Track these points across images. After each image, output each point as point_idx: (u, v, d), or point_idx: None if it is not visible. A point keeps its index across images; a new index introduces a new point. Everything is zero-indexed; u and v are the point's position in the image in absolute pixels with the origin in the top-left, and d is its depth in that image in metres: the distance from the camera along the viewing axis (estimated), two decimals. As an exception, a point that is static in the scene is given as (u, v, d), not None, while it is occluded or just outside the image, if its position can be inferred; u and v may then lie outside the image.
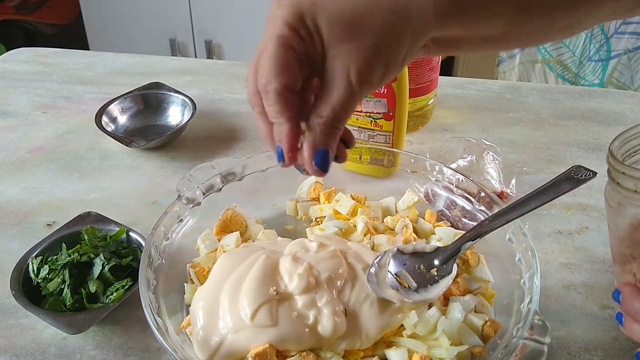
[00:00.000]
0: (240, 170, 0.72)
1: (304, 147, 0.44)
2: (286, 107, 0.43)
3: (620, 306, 0.50)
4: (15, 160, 0.89)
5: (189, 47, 2.22)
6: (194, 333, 0.57)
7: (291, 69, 0.43)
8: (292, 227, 0.74)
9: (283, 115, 0.43)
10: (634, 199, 0.52)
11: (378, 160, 0.78)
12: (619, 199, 0.53)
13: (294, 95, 0.43)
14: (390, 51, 0.42)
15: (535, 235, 0.75)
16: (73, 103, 1.03)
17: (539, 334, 0.52)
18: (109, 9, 2.17)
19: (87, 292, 0.63)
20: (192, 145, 0.92)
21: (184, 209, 0.68)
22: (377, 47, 0.42)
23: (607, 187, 0.55)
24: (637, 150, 0.56)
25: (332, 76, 0.43)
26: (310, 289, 0.58)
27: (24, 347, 0.61)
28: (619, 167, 0.52)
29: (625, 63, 1.70)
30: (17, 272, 0.64)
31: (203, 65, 1.18)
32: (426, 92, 0.91)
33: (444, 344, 0.56)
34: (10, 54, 1.19)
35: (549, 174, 0.83)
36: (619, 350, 0.61)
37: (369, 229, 0.69)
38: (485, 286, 0.64)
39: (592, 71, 1.73)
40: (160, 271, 0.61)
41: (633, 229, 0.54)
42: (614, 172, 0.53)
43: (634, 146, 0.56)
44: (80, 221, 0.71)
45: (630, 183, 0.51)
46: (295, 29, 0.42)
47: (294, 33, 0.42)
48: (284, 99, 0.43)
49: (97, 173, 0.86)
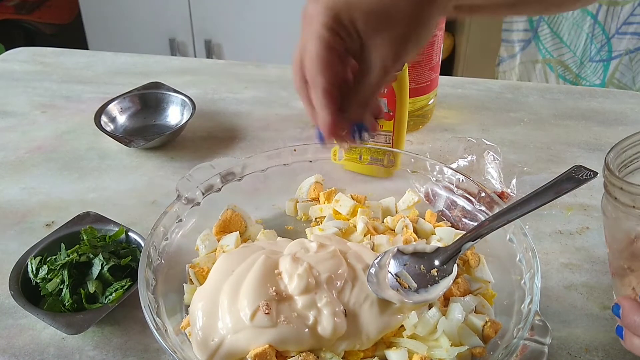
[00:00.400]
0: (240, 170, 0.72)
1: (344, 126, 0.52)
2: (330, 101, 0.50)
3: (620, 320, 0.50)
4: (14, 160, 0.89)
5: (189, 47, 2.21)
6: (193, 333, 0.57)
7: (334, 66, 0.49)
8: (292, 227, 0.74)
9: (326, 108, 0.50)
10: (631, 214, 0.50)
11: (378, 160, 0.77)
12: (616, 212, 0.52)
13: (336, 89, 0.50)
14: (419, 36, 0.48)
15: (535, 235, 0.75)
16: (72, 103, 1.02)
17: (540, 335, 0.52)
18: (109, 8, 2.17)
19: (86, 293, 0.63)
20: (191, 145, 0.91)
21: (183, 209, 0.67)
22: (407, 35, 0.47)
23: (603, 199, 0.54)
24: (632, 160, 0.55)
25: (369, 64, 0.49)
26: (310, 290, 0.58)
27: (23, 348, 0.61)
28: (616, 182, 0.50)
29: (627, 64, 1.70)
30: (16, 272, 0.64)
31: (202, 65, 1.18)
32: (426, 92, 0.91)
33: (444, 344, 0.56)
34: (10, 53, 1.19)
35: (550, 174, 0.83)
36: (619, 351, 0.61)
37: (369, 229, 0.69)
38: (485, 287, 0.64)
39: (593, 72, 1.73)
40: (160, 271, 0.61)
41: (630, 242, 0.53)
42: (611, 186, 0.52)
43: (630, 156, 0.54)
44: (79, 221, 0.71)
45: (627, 198, 0.50)
46: (334, 30, 0.47)
47: (333, 34, 0.47)
48: (327, 94, 0.49)
49: (96, 173, 0.86)
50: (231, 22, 2.11)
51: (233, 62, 1.18)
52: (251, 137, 0.93)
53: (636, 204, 0.49)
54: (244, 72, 1.12)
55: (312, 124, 0.54)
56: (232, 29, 2.13)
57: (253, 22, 2.09)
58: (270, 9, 2.05)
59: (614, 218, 0.53)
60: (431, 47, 0.86)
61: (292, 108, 1.01)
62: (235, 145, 0.91)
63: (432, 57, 0.87)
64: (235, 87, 1.07)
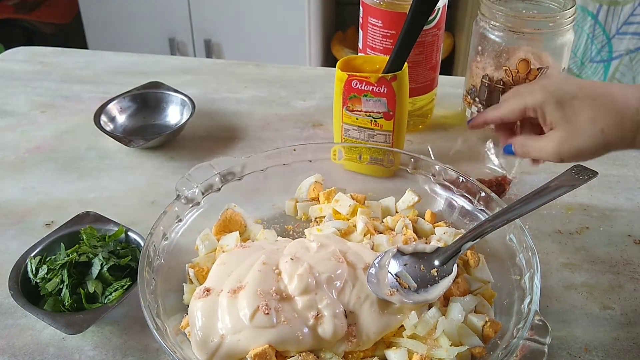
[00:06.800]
0: (240, 169, 0.72)
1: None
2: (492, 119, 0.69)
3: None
4: (14, 160, 0.89)
5: (188, 47, 2.21)
6: (193, 333, 0.57)
7: (514, 116, 0.66)
8: (292, 227, 0.74)
9: (485, 116, 0.70)
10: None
11: (378, 160, 0.77)
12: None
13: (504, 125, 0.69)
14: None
15: (535, 235, 0.75)
16: (72, 102, 1.02)
17: (540, 335, 0.52)
18: (108, 8, 2.16)
19: (86, 292, 0.63)
20: (191, 144, 0.91)
21: (183, 209, 0.67)
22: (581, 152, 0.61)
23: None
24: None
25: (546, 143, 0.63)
26: (310, 290, 0.58)
27: (23, 347, 0.61)
28: None
29: (627, 64, 1.70)
30: (15, 272, 0.64)
31: (202, 65, 1.18)
32: (426, 92, 0.91)
33: (444, 344, 0.56)
34: (9, 53, 1.19)
35: (550, 174, 0.82)
36: (619, 351, 0.61)
37: (368, 229, 0.68)
38: (485, 286, 0.64)
39: (594, 72, 1.73)
40: (159, 271, 0.61)
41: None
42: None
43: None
44: (79, 221, 0.71)
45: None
46: (534, 113, 0.64)
47: (532, 113, 0.64)
48: (497, 119, 0.68)
49: (95, 173, 0.86)
50: (231, 22, 2.11)
51: (233, 62, 1.18)
52: (251, 137, 0.93)
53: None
54: (244, 72, 1.12)
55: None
56: (232, 29, 2.13)
57: (253, 22, 2.09)
58: (270, 9, 2.05)
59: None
60: (431, 47, 0.86)
61: (291, 108, 1.01)
62: (235, 145, 0.91)
63: (432, 57, 0.87)
64: (235, 87, 1.07)
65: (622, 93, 0.59)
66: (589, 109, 0.59)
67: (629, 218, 0.78)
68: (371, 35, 0.85)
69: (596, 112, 0.59)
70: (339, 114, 0.80)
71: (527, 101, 0.64)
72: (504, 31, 0.82)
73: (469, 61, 0.90)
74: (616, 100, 0.59)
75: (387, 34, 0.83)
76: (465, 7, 2.06)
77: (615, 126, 0.58)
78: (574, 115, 0.60)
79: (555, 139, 0.61)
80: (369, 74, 0.76)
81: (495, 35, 0.83)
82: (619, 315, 0.65)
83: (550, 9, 0.83)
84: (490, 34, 0.83)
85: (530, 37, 0.81)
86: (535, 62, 0.82)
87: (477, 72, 0.87)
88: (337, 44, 2.29)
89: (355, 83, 0.76)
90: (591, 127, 0.59)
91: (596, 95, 0.60)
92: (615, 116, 0.58)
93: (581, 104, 0.60)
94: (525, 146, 0.66)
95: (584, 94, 0.60)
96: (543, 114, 0.63)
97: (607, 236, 0.75)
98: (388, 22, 0.82)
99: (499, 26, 0.82)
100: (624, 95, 0.59)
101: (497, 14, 0.81)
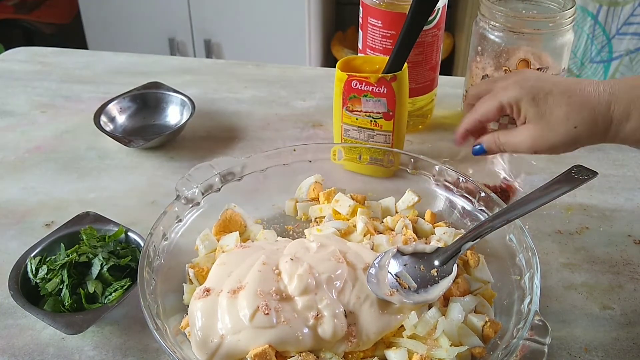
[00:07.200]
0: (240, 170, 0.72)
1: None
2: (469, 126, 0.71)
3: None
4: (14, 160, 0.89)
5: (188, 47, 2.21)
6: (193, 334, 0.57)
7: (490, 118, 0.68)
8: (292, 227, 0.74)
9: (465, 125, 0.72)
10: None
11: (378, 160, 0.77)
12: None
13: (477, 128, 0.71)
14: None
15: (535, 235, 0.75)
16: (72, 102, 1.02)
17: (539, 335, 0.52)
18: (108, 8, 2.17)
19: (86, 293, 0.63)
20: (191, 144, 0.91)
21: (182, 209, 0.67)
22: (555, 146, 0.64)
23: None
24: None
25: (519, 135, 0.66)
26: (310, 291, 0.58)
27: (23, 348, 0.61)
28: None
29: (627, 64, 1.70)
30: (15, 272, 0.64)
31: (202, 65, 1.18)
32: (426, 92, 0.91)
33: (444, 344, 0.56)
34: (9, 53, 1.19)
35: (549, 174, 0.83)
36: (619, 351, 0.61)
37: (368, 229, 0.68)
38: (485, 286, 0.64)
39: (594, 72, 1.73)
40: (159, 271, 0.61)
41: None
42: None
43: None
44: (78, 221, 0.71)
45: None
46: (511, 109, 0.65)
47: (510, 110, 0.65)
48: (475, 123, 0.70)
49: (95, 173, 0.86)
50: (231, 22, 2.11)
51: (233, 62, 1.18)
52: (251, 137, 0.93)
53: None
54: (244, 72, 1.12)
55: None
56: (231, 29, 2.13)
57: (253, 22, 2.09)
58: (270, 9, 2.05)
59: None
60: (431, 47, 0.86)
61: (291, 108, 1.01)
62: (235, 145, 0.91)
63: (432, 57, 0.87)
64: (235, 87, 1.07)
65: (594, 89, 0.61)
66: (564, 105, 0.61)
67: (628, 218, 0.78)
68: (371, 36, 0.85)
69: (570, 109, 0.61)
70: (339, 114, 0.80)
71: (502, 98, 0.65)
72: (504, 31, 0.82)
73: (468, 61, 0.90)
74: (589, 96, 0.61)
75: (387, 34, 0.83)
76: (465, 7, 2.06)
77: (588, 122, 0.61)
78: (549, 112, 0.62)
79: (530, 135, 0.64)
80: (368, 74, 0.76)
81: (495, 35, 0.83)
82: (619, 316, 0.65)
83: (550, 9, 0.83)
84: (490, 34, 0.84)
85: (530, 38, 0.81)
86: (535, 62, 0.82)
87: (477, 73, 0.87)
88: (337, 44, 2.29)
89: (355, 83, 0.76)
90: (565, 124, 0.61)
91: (570, 92, 0.62)
92: (589, 112, 0.60)
93: (555, 100, 0.62)
94: (500, 142, 0.68)
95: (559, 91, 0.62)
96: (518, 109, 0.65)
97: (607, 236, 0.75)
98: (388, 22, 0.82)
99: (498, 26, 0.82)
100: (596, 92, 0.61)
101: (497, 14, 0.81)
